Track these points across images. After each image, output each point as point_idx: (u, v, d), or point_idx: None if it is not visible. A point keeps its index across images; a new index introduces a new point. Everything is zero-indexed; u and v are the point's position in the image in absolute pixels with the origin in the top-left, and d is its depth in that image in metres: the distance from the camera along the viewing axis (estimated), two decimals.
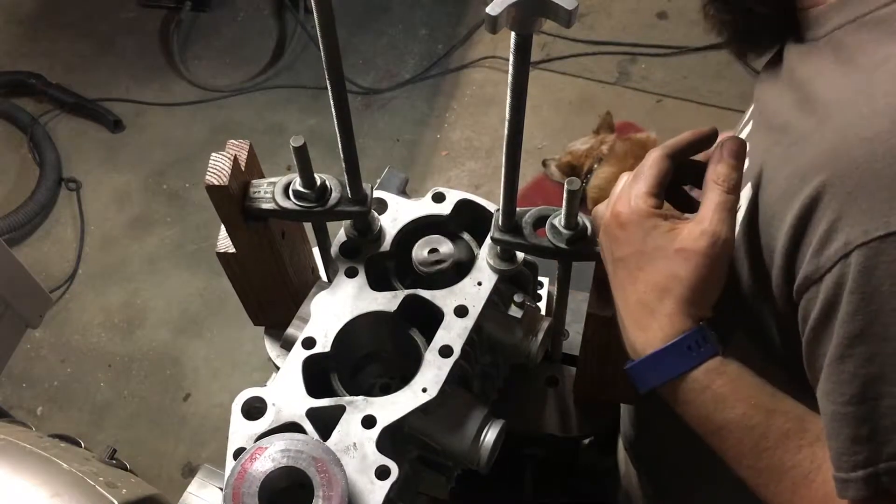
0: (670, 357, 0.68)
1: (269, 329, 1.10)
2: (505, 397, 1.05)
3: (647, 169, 0.74)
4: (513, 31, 0.63)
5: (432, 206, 0.97)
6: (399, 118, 2.98)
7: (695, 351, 0.68)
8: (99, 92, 3.06)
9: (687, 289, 0.68)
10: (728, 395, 0.67)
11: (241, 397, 0.83)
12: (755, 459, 0.67)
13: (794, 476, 0.65)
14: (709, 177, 0.72)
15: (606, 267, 0.77)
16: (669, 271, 0.69)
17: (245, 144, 0.90)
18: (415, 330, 0.90)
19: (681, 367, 0.68)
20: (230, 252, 0.96)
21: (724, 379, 0.67)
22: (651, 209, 0.71)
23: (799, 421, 0.66)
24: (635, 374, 0.72)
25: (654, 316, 0.70)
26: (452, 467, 0.92)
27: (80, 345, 2.53)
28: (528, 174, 2.71)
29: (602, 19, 3.17)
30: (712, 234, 0.68)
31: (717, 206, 0.69)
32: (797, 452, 0.65)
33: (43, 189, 2.76)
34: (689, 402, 0.69)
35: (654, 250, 0.70)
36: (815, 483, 0.64)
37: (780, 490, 0.66)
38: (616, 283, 0.74)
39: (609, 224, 0.74)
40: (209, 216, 1.91)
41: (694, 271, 0.68)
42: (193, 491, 1.10)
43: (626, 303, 0.73)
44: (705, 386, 0.67)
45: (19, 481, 0.98)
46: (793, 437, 0.65)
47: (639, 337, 0.71)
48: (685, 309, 0.69)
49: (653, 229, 0.70)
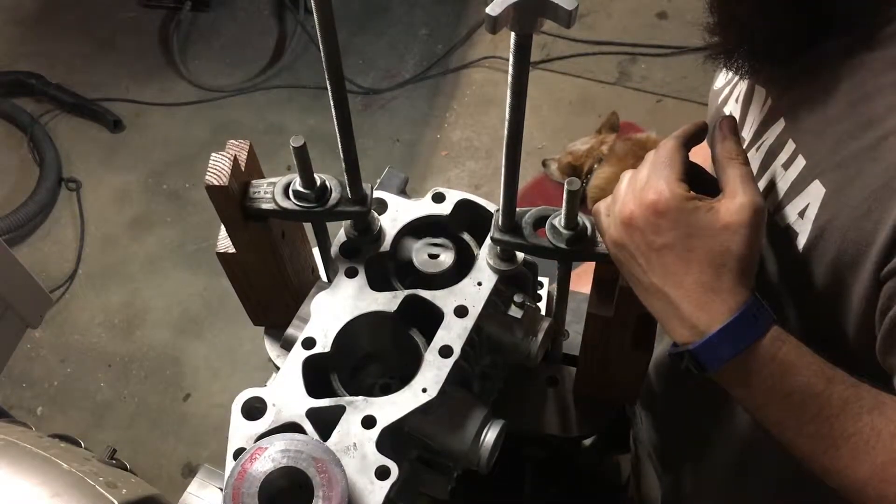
0: (740, 328, 0.70)
1: (269, 329, 1.10)
2: (505, 397, 1.05)
3: (671, 156, 0.75)
4: (513, 31, 0.63)
5: (432, 206, 0.97)
6: (399, 118, 2.98)
7: (759, 319, 0.70)
8: (99, 92, 3.05)
9: (739, 261, 0.70)
10: (794, 362, 0.69)
11: (241, 397, 0.83)
12: (817, 426, 0.68)
13: (855, 443, 0.66)
14: (721, 155, 0.75)
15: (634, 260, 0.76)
16: (721, 247, 0.70)
17: (245, 144, 0.90)
18: (415, 330, 0.90)
19: (751, 337, 0.69)
20: (230, 252, 0.96)
21: (788, 346, 0.69)
22: (688, 192, 0.73)
23: (856, 388, 0.67)
24: (704, 352, 0.71)
25: (714, 292, 0.71)
26: (452, 467, 0.92)
27: (80, 345, 2.53)
28: (528, 174, 2.71)
29: (602, 19, 3.17)
30: (751, 205, 0.70)
31: (742, 177, 0.72)
32: (857, 420, 0.66)
33: (43, 189, 2.76)
34: (757, 373, 0.70)
35: (701, 230, 0.71)
36: (875, 450, 0.65)
37: (840, 456, 0.67)
38: (662, 271, 0.74)
39: (640, 215, 0.74)
40: (209, 216, 1.90)
41: (743, 243, 0.70)
42: (193, 491, 1.10)
43: (680, 285, 0.73)
44: (773, 354, 0.69)
45: (19, 481, 0.97)
46: (853, 403, 0.67)
47: (702, 316, 0.71)
48: (742, 280, 0.71)
49: (695, 211, 0.71)
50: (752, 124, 0.88)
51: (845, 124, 0.73)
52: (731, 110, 0.94)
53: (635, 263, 0.76)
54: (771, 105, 0.85)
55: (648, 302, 0.77)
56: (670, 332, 0.75)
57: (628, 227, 0.75)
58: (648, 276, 0.75)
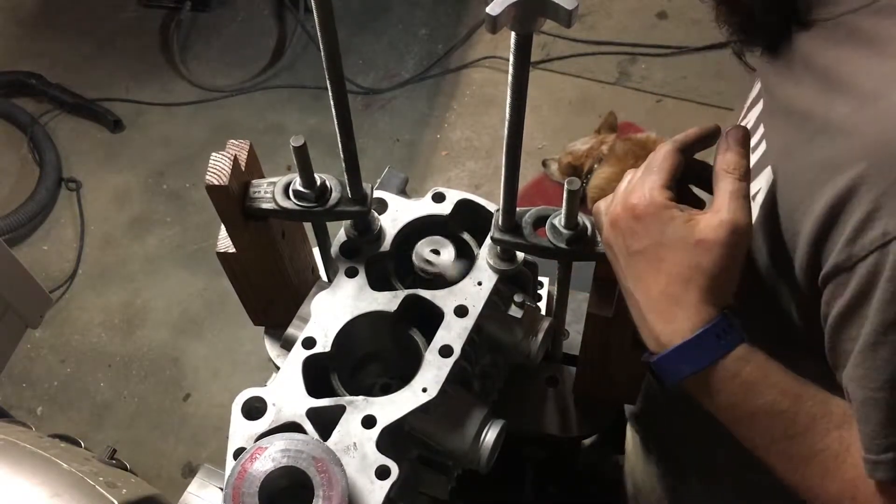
0: (700, 347, 0.69)
1: (269, 329, 1.11)
2: (505, 397, 1.05)
3: (660, 162, 0.74)
4: (513, 31, 0.63)
5: (432, 206, 0.97)
6: (399, 118, 2.98)
7: (723, 339, 0.68)
8: (99, 92, 3.05)
9: (710, 278, 0.68)
10: (757, 382, 0.67)
11: (241, 397, 0.83)
12: (785, 445, 0.67)
13: (824, 459, 0.66)
14: (719, 166, 0.72)
15: (618, 261, 0.76)
16: (691, 262, 0.69)
17: (245, 144, 0.91)
18: (415, 330, 0.90)
19: (711, 356, 0.68)
20: (230, 252, 0.96)
21: (752, 366, 0.68)
22: (667, 201, 0.71)
23: (824, 404, 0.66)
24: (663, 366, 0.71)
25: (679, 306, 0.69)
26: (452, 467, 0.92)
27: (80, 345, 2.53)
28: (528, 174, 2.71)
29: (602, 19, 3.17)
30: (731, 223, 0.68)
31: (731, 194, 0.70)
32: (825, 435, 0.66)
33: (43, 189, 2.76)
34: (718, 392, 0.69)
35: (673, 242, 0.70)
36: (844, 465, 0.65)
37: (810, 473, 0.66)
38: (634, 276, 0.74)
39: (622, 217, 0.74)
40: (209, 216, 1.91)
41: (715, 261, 0.68)
42: (193, 491, 1.10)
43: (647, 295, 0.72)
44: (735, 374, 0.68)
45: (19, 481, 0.98)
46: (820, 420, 0.66)
47: (664, 328, 0.71)
48: (710, 298, 0.69)
49: (671, 220, 0.70)
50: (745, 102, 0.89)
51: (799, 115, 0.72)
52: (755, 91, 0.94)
53: (618, 265, 0.76)
54: (760, 86, 0.85)
55: (628, 305, 0.77)
56: (643, 339, 0.75)
57: (613, 228, 0.75)
58: (625, 280, 0.75)
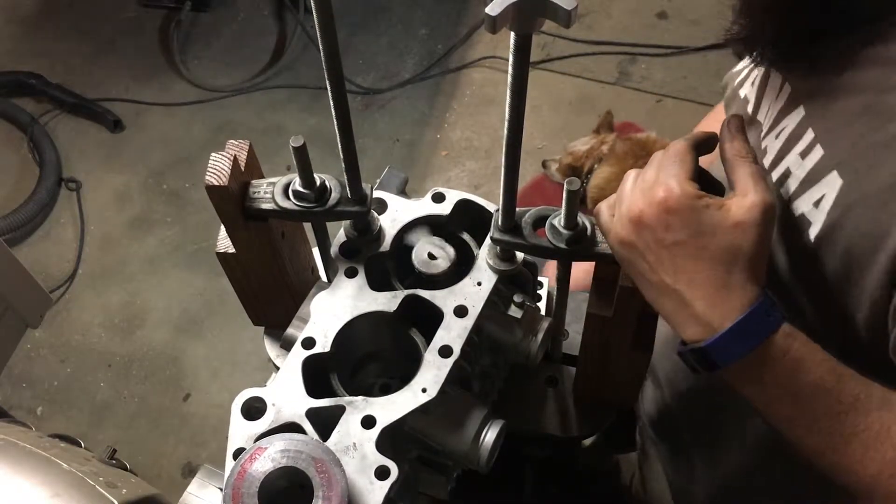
0: (752, 324, 0.70)
1: (269, 329, 1.10)
2: (505, 397, 1.05)
3: (682, 156, 0.75)
4: (512, 31, 0.63)
5: (432, 206, 0.97)
6: (399, 118, 2.98)
7: (771, 315, 0.70)
8: (99, 92, 3.06)
9: (750, 259, 0.71)
10: (805, 358, 0.69)
11: (240, 397, 0.83)
12: (828, 423, 0.68)
13: (865, 438, 0.67)
14: (730, 154, 0.75)
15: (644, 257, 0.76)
16: (732, 245, 0.71)
17: (245, 144, 0.90)
18: (415, 330, 0.90)
19: (763, 333, 0.70)
20: (230, 252, 0.96)
21: (799, 342, 0.69)
22: (698, 191, 0.73)
23: (866, 385, 0.68)
24: (716, 349, 0.72)
25: (727, 289, 0.71)
26: (452, 467, 0.92)
27: (80, 345, 2.53)
28: (527, 174, 2.71)
29: (602, 19, 3.17)
30: (761, 203, 0.70)
31: (752, 176, 0.72)
32: (867, 416, 0.67)
33: (43, 189, 2.76)
34: (769, 371, 0.70)
35: (711, 228, 0.71)
36: (884, 445, 0.66)
37: (849, 452, 0.68)
38: (672, 268, 0.74)
39: (650, 213, 0.74)
40: (209, 216, 1.90)
41: (753, 241, 0.70)
42: (193, 491, 1.10)
43: (692, 283, 0.73)
44: (785, 350, 0.69)
45: (19, 481, 0.98)
46: (863, 400, 0.67)
47: (714, 314, 0.71)
48: (753, 277, 0.71)
49: (706, 209, 0.72)
50: (770, 109, 0.88)
51: (865, 117, 0.73)
52: (746, 93, 0.93)
53: (643, 262, 0.76)
54: (791, 92, 0.84)
55: (658, 300, 0.77)
56: (680, 331, 0.75)
57: (637, 225, 0.75)
58: (658, 273, 0.75)
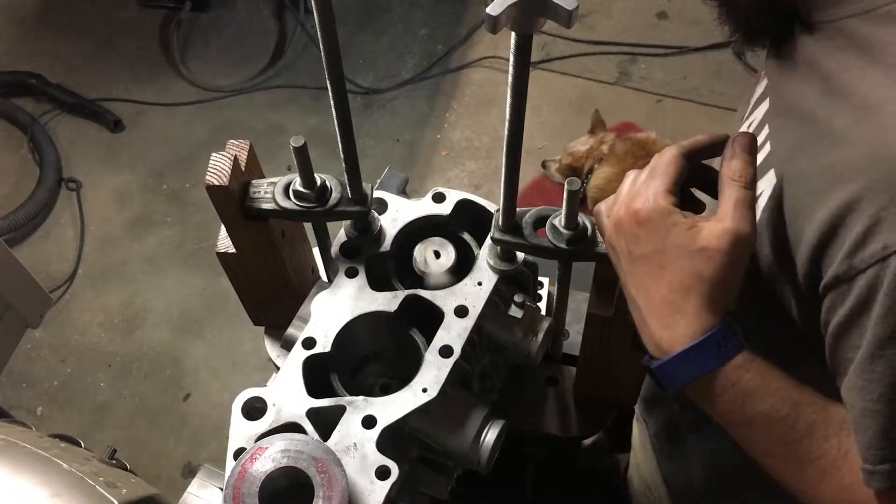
0: (700, 355, 0.68)
1: (269, 329, 1.10)
2: (505, 397, 1.05)
3: (664, 166, 0.73)
4: (513, 31, 0.63)
5: (432, 206, 0.97)
6: (399, 118, 2.98)
7: (723, 347, 0.68)
8: (99, 92, 3.05)
9: (711, 286, 0.68)
10: (757, 389, 0.68)
11: (241, 397, 0.83)
12: (783, 449, 0.68)
13: (821, 465, 0.66)
14: (725, 173, 0.71)
15: (620, 265, 0.76)
16: (693, 269, 0.68)
17: (245, 144, 0.90)
18: (415, 330, 0.90)
19: (710, 364, 0.68)
20: (230, 252, 0.96)
21: (752, 373, 0.68)
22: (671, 206, 0.71)
23: (823, 411, 0.67)
24: (663, 372, 0.71)
25: (680, 314, 0.69)
26: (452, 467, 0.92)
27: (80, 345, 2.53)
28: (528, 174, 2.71)
29: (602, 19, 3.17)
30: (734, 232, 0.67)
31: (736, 202, 0.69)
32: (824, 442, 0.66)
33: (43, 189, 2.76)
34: (717, 398, 0.69)
35: (676, 248, 0.69)
36: (841, 471, 0.65)
37: (807, 478, 0.67)
38: (635, 281, 0.74)
39: (625, 221, 0.73)
40: (209, 216, 1.90)
41: (717, 269, 0.68)
42: (193, 491, 1.10)
43: (648, 300, 0.72)
44: (734, 381, 0.68)
45: (19, 481, 0.97)
46: (819, 427, 0.66)
47: (664, 335, 0.71)
48: (711, 306, 0.68)
49: (673, 227, 0.70)
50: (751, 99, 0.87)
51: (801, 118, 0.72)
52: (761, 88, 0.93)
53: (620, 268, 0.76)
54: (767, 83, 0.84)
55: (630, 308, 0.77)
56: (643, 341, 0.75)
57: (617, 231, 0.75)
58: (627, 284, 0.75)
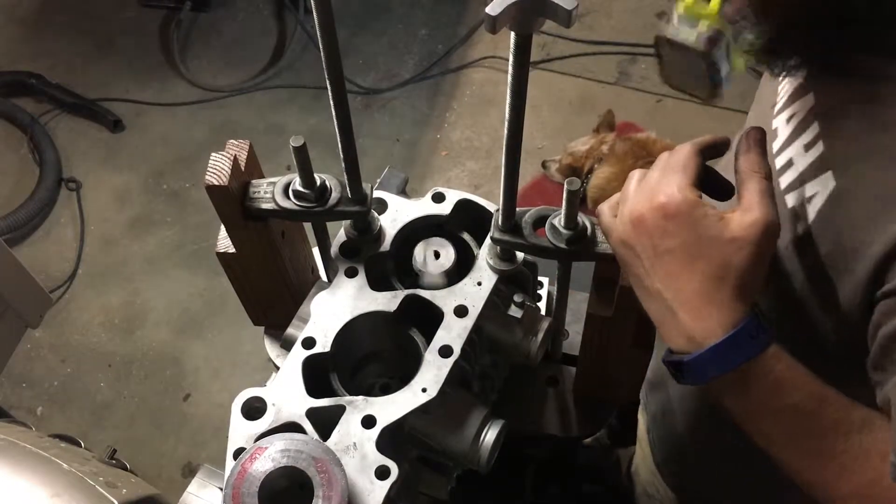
0: (737, 345, 0.69)
1: (269, 329, 1.11)
2: (505, 397, 1.05)
3: (685, 161, 0.74)
4: (513, 31, 0.63)
5: (432, 206, 0.97)
6: (399, 118, 2.98)
7: (757, 338, 0.69)
8: (99, 92, 3.06)
9: (742, 276, 0.69)
10: (787, 382, 0.68)
11: (241, 397, 0.83)
12: (807, 443, 0.68)
13: (843, 461, 0.67)
14: (743, 166, 0.73)
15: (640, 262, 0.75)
16: (724, 260, 0.69)
17: (245, 144, 0.91)
18: (415, 330, 0.90)
19: (746, 355, 0.68)
20: (230, 252, 0.96)
21: (783, 364, 0.68)
22: (699, 199, 0.72)
23: (846, 409, 0.67)
24: (697, 365, 0.71)
25: (714, 305, 0.69)
26: (452, 467, 0.92)
27: (80, 345, 2.53)
28: (527, 174, 2.71)
29: (602, 19, 3.17)
30: (763, 222, 0.69)
31: (760, 192, 0.70)
32: (847, 439, 0.67)
33: (43, 189, 2.76)
34: (747, 390, 0.69)
35: (707, 240, 0.70)
36: (862, 468, 0.66)
37: (826, 472, 0.68)
38: (664, 275, 0.73)
39: (649, 217, 0.73)
40: (209, 216, 1.90)
41: (748, 259, 0.69)
42: (193, 491, 1.10)
43: (679, 293, 0.72)
44: (767, 371, 0.68)
45: (19, 481, 0.98)
46: (843, 424, 0.67)
47: (697, 328, 0.70)
48: (742, 296, 0.69)
49: (703, 218, 0.70)
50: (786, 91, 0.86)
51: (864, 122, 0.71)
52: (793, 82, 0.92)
53: (639, 264, 0.75)
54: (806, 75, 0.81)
55: (647, 305, 0.76)
56: (667, 339, 0.74)
57: (637, 227, 0.74)
58: (651, 278, 0.74)
